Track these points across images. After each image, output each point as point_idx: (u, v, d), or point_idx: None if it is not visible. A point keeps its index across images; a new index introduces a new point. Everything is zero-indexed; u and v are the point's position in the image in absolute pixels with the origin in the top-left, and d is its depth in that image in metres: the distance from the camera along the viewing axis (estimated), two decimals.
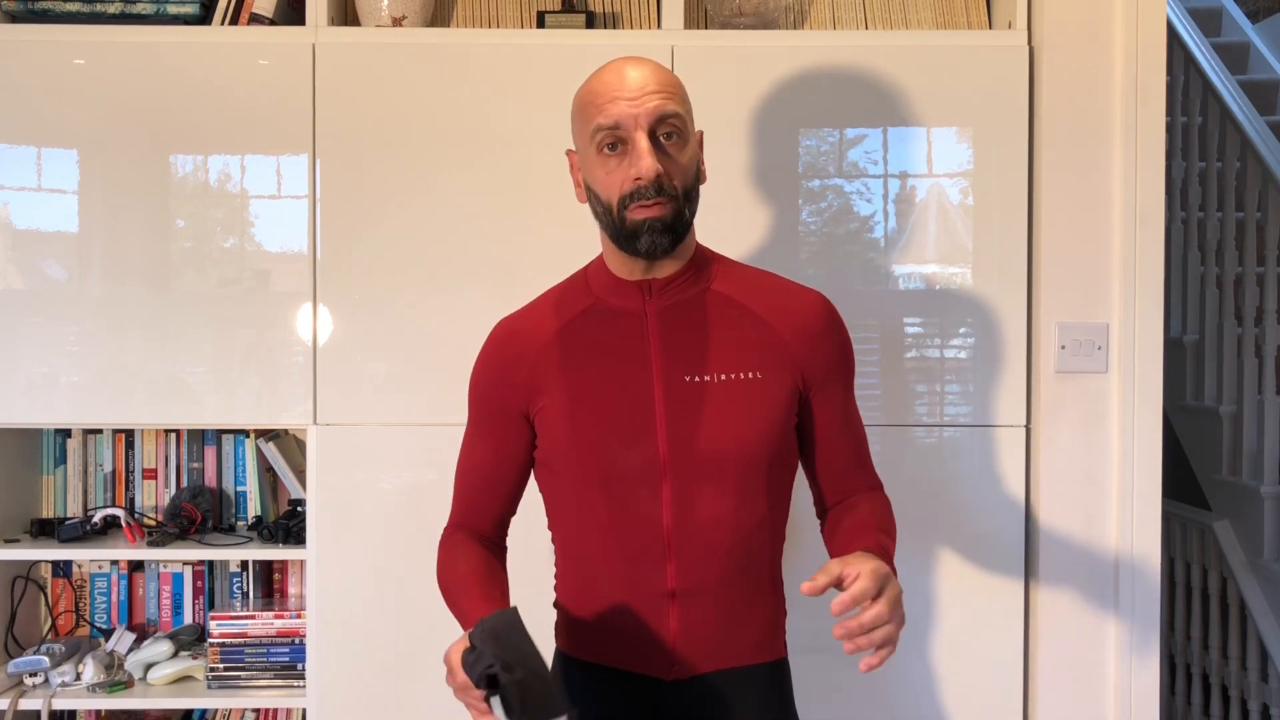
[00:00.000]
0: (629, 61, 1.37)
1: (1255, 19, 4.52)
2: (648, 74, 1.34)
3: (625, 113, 1.32)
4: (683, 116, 1.36)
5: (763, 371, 1.39)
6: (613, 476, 1.39)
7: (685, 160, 1.36)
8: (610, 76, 1.35)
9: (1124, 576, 2.12)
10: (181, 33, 2.16)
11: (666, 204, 1.33)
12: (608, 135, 1.33)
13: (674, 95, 1.35)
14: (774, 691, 1.47)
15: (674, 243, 1.36)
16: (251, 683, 2.23)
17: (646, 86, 1.33)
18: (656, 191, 1.32)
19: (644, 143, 1.32)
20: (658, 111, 1.32)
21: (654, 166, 1.31)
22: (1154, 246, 2.11)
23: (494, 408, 1.47)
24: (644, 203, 1.33)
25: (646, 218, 1.33)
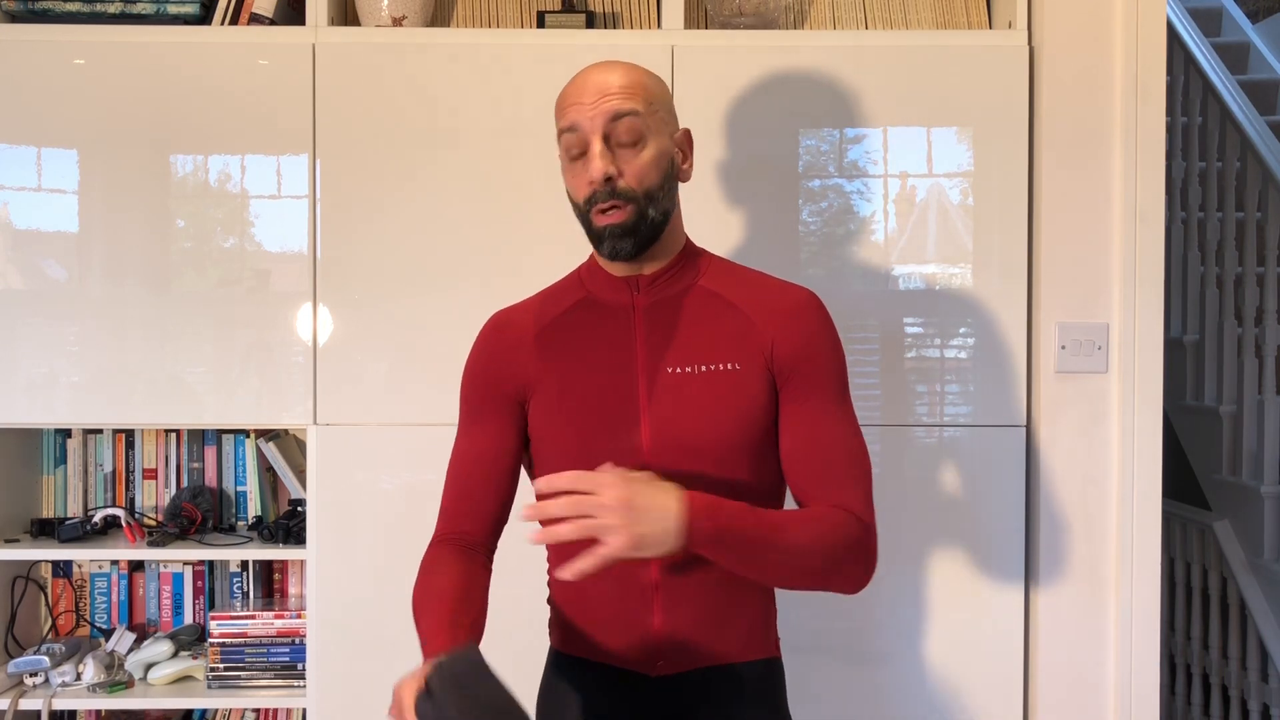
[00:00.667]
0: (595, 66, 1.39)
1: (1255, 19, 4.52)
2: (610, 77, 1.36)
3: (581, 116, 1.35)
4: (640, 115, 1.36)
5: (741, 362, 1.40)
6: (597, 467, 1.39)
7: (644, 161, 1.37)
8: (576, 81, 1.38)
9: (1124, 577, 2.12)
10: (181, 33, 2.16)
11: (624, 207, 1.36)
12: (568, 139, 1.37)
13: (633, 94, 1.36)
14: (765, 691, 1.47)
15: (638, 246, 1.38)
16: (251, 683, 2.23)
17: (605, 89, 1.35)
18: (610, 194, 1.35)
19: (596, 145, 1.35)
20: (611, 112, 1.34)
21: (602, 169, 1.34)
22: (1154, 246, 2.11)
23: (489, 394, 1.47)
24: (602, 207, 1.36)
25: (606, 224, 1.37)
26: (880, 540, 2.12)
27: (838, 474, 1.37)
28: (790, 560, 1.28)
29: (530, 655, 1.61)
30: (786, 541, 1.27)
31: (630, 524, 1.17)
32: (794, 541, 1.28)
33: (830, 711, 2.13)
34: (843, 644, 2.14)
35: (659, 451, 1.39)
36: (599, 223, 1.37)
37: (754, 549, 1.25)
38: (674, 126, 1.43)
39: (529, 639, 1.67)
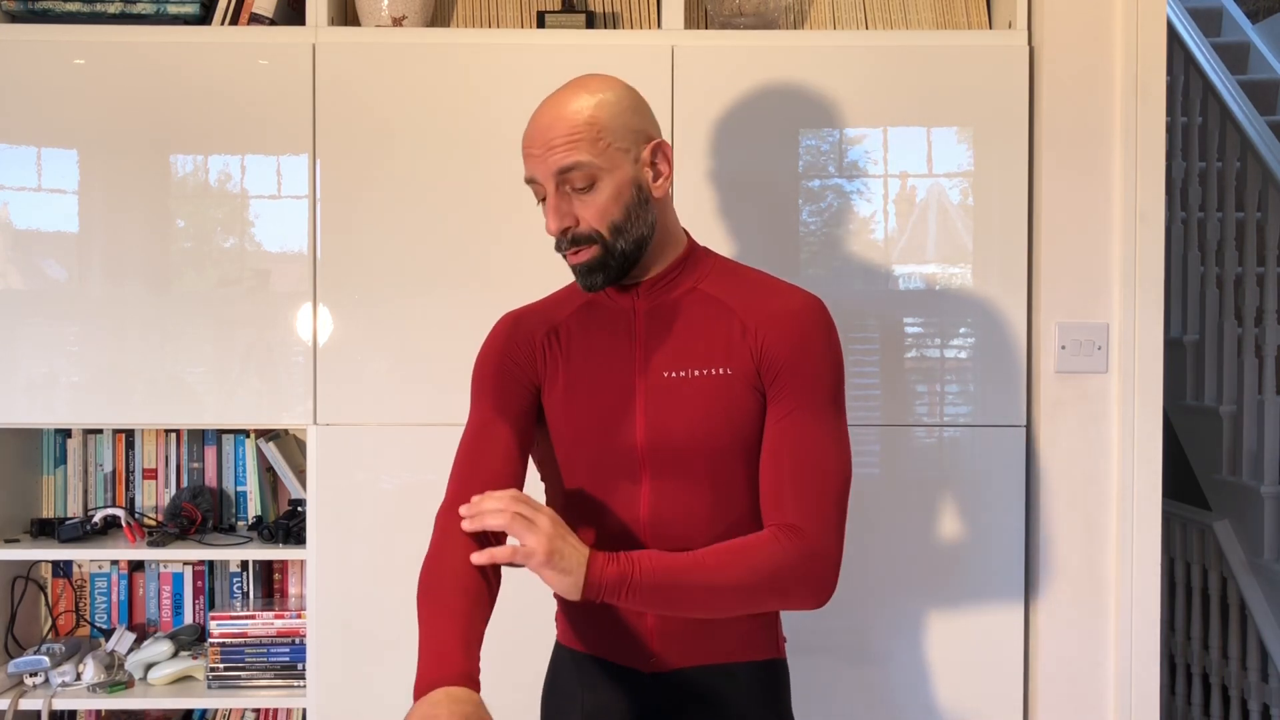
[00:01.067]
0: (544, 106, 1.39)
1: (1255, 19, 4.52)
2: (553, 125, 1.36)
3: (535, 168, 1.38)
4: (586, 163, 1.34)
5: (730, 367, 1.40)
6: (597, 467, 1.43)
7: (600, 202, 1.36)
8: (530, 125, 1.39)
9: (1124, 576, 2.12)
10: (181, 33, 2.16)
11: (586, 249, 1.38)
12: (532, 185, 1.40)
13: (577, 143, 1.34)
14: (766, 691, 1.47)
15: (609, 278, 1.40)
16: (251, 683, 2.23)
17: (549, 141, 1.35)
18: (570, 243, 1.38)
19: (551, 199, 1.37)
20: (556, 166, 1.35)
21: (555, 225, 1.37)
22: (1154, 246, 2.11)
23: (505, 378, 1.47)
24: (567, 250, 1.39)
25: (575, 263, 1.40)
26: (880, 540, 2.12)
27: (800, 490, 1.34)
28: (718, 596, 1.31)
29: (537, 647, 1.62)
30: (710, 579, 1.30)
31: (551, 538, 1.26)
32: (719, 578, 1.30)
33: (831, 711, 2.13)
34: (843, 644, 2.14)
35: (653, 454, 1.41)
36: (570, 261, 1.41)
37: (670, 593, 1.30)
38: (638, 148, 1.38)
39: (536, 631, 1.67)
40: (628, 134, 1.37)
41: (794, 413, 1.36)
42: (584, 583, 1.27)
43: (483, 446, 1.43)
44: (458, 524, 1.34)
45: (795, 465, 1.34)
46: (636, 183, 1.38)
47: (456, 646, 1.24)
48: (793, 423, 1.36)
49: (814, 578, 1.32)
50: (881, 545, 2.13)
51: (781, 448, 1.36)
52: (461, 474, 1.42)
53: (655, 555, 1.31)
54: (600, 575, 1.27)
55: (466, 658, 1.23)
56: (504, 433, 1.43)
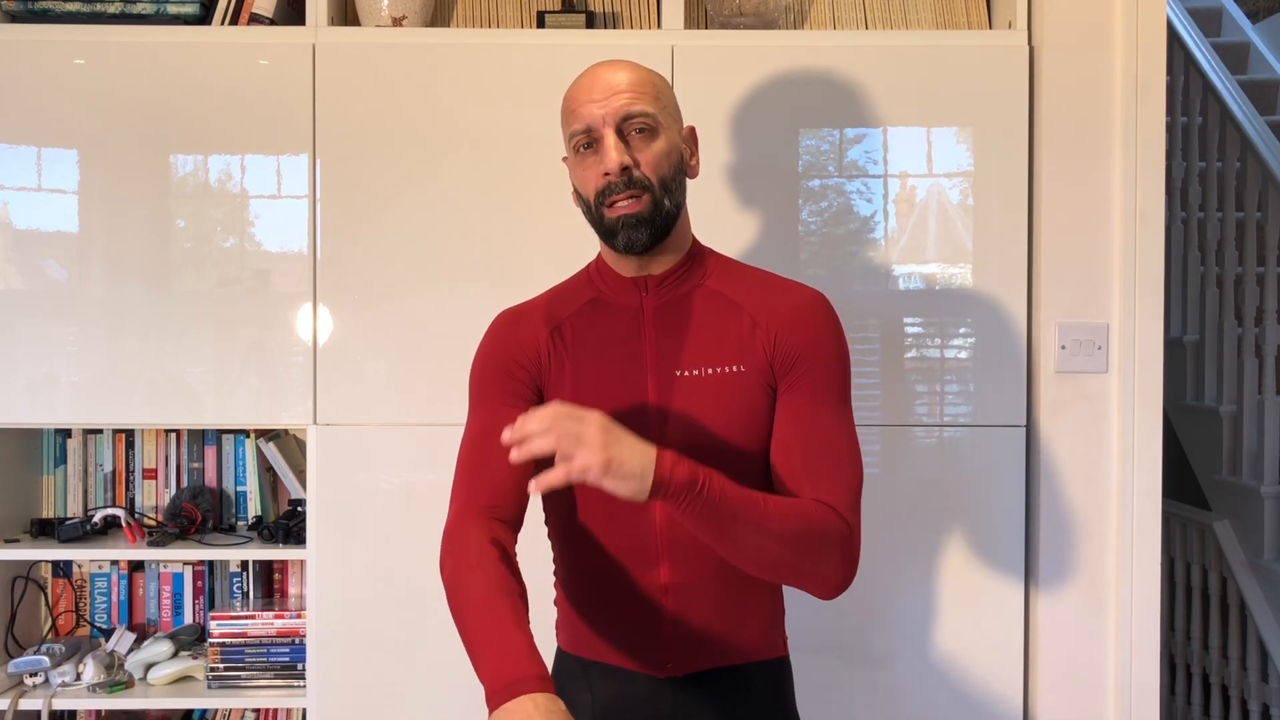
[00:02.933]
0: (603, 65, 1.41)
1: (1255, 19, 4.52)
2: (618, 76, 1.38)
3: (594, 114, 1.36)
4: (652, 114, 1.38)
5: (744, 364, 1.40)
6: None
7: (658, 151, 1.38)
8: (584, 81, 1.40)
9: (1124, 576, 2.12)
10: (181, 33, 2.16)
11: (640, 196, 1.36)
12: (581, 138, 1.38)
13: (643, 94, 1.38)
14: (773, 690, 1.47)
15: (654, 237, 1.38)
16: (251, 683, 2.23)
17: (615, 87, 1.37)
18: (626, 184, 1.36)
19: (610, 138, 1.36)
20: (623, 110, 1.36)
21: (618, 160, 1.35)
22: (1154, 246, 2.11)
23: (505, 379, 1.44)
24: (616, 197, 1.36)
25: (621, 215, 1.37)
26: (880, 540, 2.12)
27: (825, 471, 1.34)
28: (766, 541, 1.26)
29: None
30: (764, 518, 1.26)
31: (605, 445, 1.18)
32: (772, 522, 1.26)
33: (832, 710, 2.13)
34: (844, 643, 2.14)
35: None
36: (612, 215, 1.37)
37: (728, 517, 1.24)
38: (679, 122, 1.45)
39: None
40: (674, 108, 1.44)
41: (810, 403, 1.37)
42: (650, 483, 1.19)
43: (488, 453, 1.39)
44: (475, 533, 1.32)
45: (816, 453, 1.35)
46: (680, 151, 1.42)
47: (520, 649, 1.20)
48: (809, 413, 1.36)
49: (848, 553, 1.32)
50: (882, 545, 2.13)
51: (798, 436, 1.36)
52: (467, 483, 1.39)
53: (721, 476, 1.25)
54: (670, 475, 1.20)
55: (533, 660, 1.19)
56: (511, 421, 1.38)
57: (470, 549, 1.31)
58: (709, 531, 1.25)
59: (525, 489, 1.38)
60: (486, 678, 1.18)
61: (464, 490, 1.39)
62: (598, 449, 1.17)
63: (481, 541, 1.31)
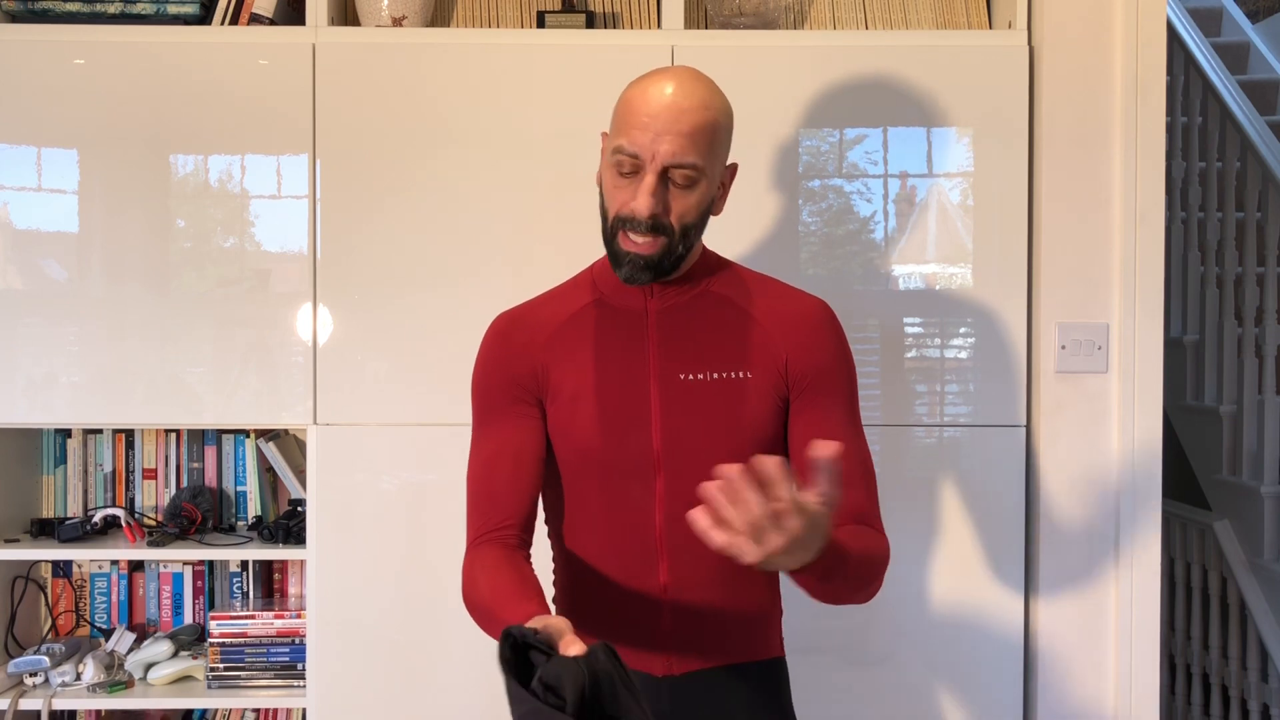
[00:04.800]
0: (672, 85, 1.33)
1: (1255, 19, 4.52)
2: (685, 110, 1.31)
3: (646, 145, 1.31)
4: (700, 167, 1.33)
5: (753, 371, 1.41)
6: (607, 471, 1.41)
7: (691, 203, 1.35)
8: (653, 94, 1.32)
9: (1124, 576, 2.12)
10: (181, 33, 2.16)
11: (656, 241, 1.35)
12: (622, 158, 1.34)
13: (699, 141, 1.32)
14: (769, 690, 1.47)
15: (656, 277, 1.38)
16: (251, 683, 2.23)
17: (677, 124, 1.31)
18: (649, 229, 1.34)
19: (650, 180, 1.32)
20: (674, 157, 1.31)
21: (650, 206, 1.32)
22: (1154, 246, 2.11)
23: (506, 393, 1.44)
24: (634, 234, 1.34)
25: (631, 251, 1.35)
26: None
27: (856, 488, 1.39)
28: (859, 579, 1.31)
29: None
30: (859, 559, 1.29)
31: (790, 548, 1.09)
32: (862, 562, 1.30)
33: (832, 711, 2.13)
34: (843, 644, 2.14)
35: (670, 458, 1.40)
36: (624, 246, 1.36)
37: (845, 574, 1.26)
38: (722, 165, 1.40)
39: None
40: (725, 151, 1.40)
41: (833, 417, 1.41)
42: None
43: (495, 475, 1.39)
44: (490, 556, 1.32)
45: (850, 465, 1.38)
46: (712, 196, 1.40)
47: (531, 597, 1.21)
48: (833, 426, 1.40)
49: (883, 577, 1.38)
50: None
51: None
52: (478, 509, 1.38)
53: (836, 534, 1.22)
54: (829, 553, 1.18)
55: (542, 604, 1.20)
56: (519, 455, 1.40)
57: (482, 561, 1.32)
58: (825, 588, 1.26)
59: (535, 503, 1.40)
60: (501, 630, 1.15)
61: (477, 516, 1.38)
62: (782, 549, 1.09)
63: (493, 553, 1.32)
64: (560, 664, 1.02)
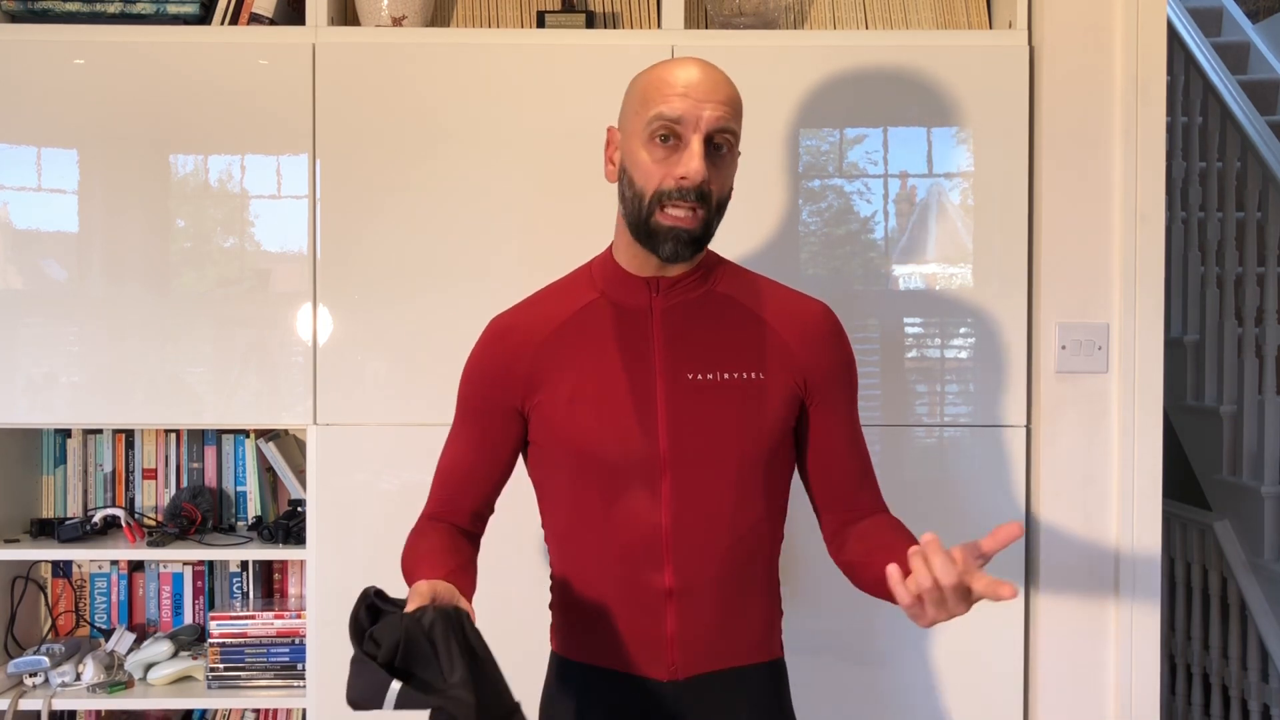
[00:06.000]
0: (703, 63, 1.36)
1: (1255, 19, 4.52)
2: (719, 81, 1.34)
3: (690, 110, 1.31)
4: (737, 134, 1.36)
5: (764, 373, 1.41)
6: (610, 472, 1.40)
7: (728, 173, 1.38)
8: (681, 72, 1.34)
9: (1124, 577, 2.12)
10: (181, 33, 2.16)
11: (698, 213, 1.34)
12: (665, 126, 1.32)
13: (736, 112, 1.36)
14: (770, 692, 1.47)
15: (695, 253, 1.38)
16: (251, 683, 2.23)
17: (715, 93, 1.33)
18: (698, 196, 1.32)
19: (698, 145, 1.32)
20: (719, 121, 1.32)
21: (702, 170, 1.31)
22: (1154, 246, 2.11)
23: (484, 403, 1.46)
24: (679, 204, 1.32)
25: (675, 225, 1.33)
26: None
27: (867, 475, 1.49)
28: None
29: (531, 660, 1.61)
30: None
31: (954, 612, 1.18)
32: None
33: (831, 712, 2.13)
34: (843, 645, 2.14)
35: (676, 459, 1.39)
36: (665, 221, 1.33)
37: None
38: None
39: (530, 644, 1.66)
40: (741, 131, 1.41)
41: (846, 419, 1.48)
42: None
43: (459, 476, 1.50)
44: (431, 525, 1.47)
45: (861, 463, 1.49)
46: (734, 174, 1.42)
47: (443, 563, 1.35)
48: (846, 427, 1.47)
49: None
50: None
51: (843, 449, 1.47)
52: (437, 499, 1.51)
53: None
54: None
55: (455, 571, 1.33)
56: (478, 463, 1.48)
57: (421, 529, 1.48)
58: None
59: (489, 509, 1.52)
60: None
61: (433, 499, 1.52)
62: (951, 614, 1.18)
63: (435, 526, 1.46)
64: (389, 620, 1.14)
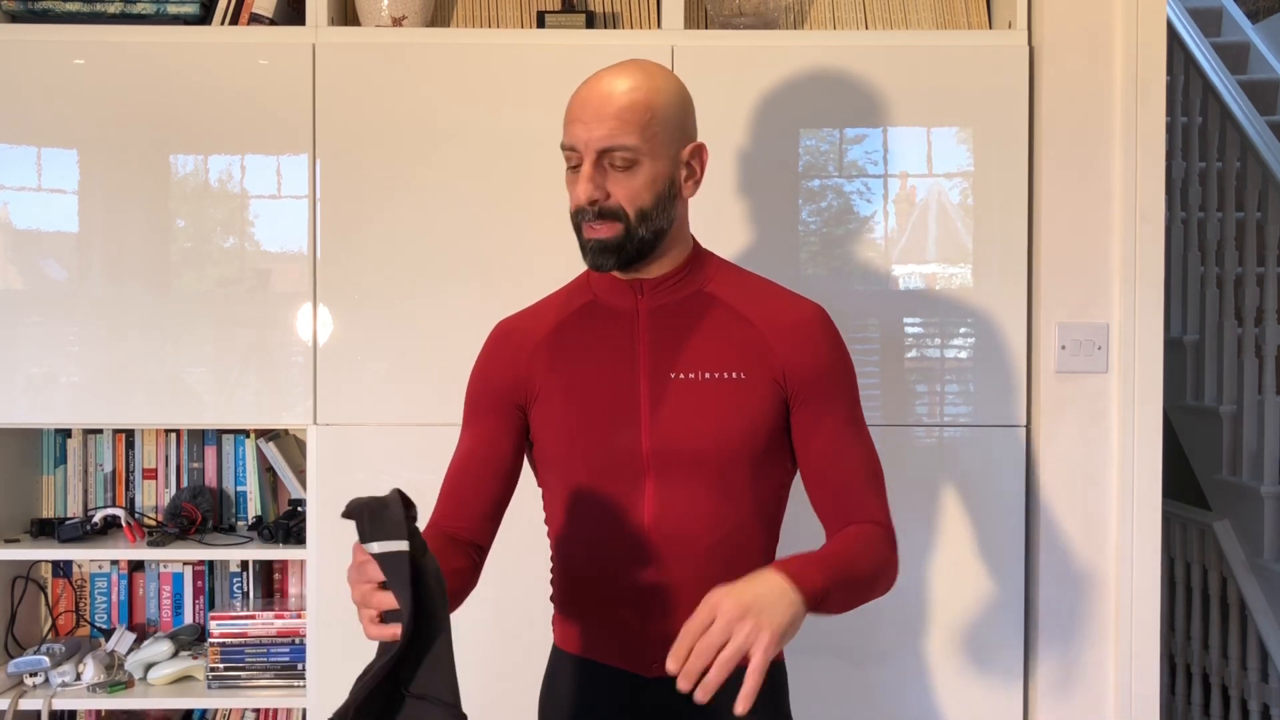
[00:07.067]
0: (605, 77, 1.38)
1: (1255, 19, 4.52)
2: (612, 98, 1.35)
3: (580, 134, 1.36)
4: (633, 146, 1.35)
5: (746, 372, 1.41)
6: (597, 469, 1.42)
7: (636, 185, 1.37)
8: (581, 93, 1.38)
9: (1124, 576, 2.12)
10: (181, 33, 2.16)
11: (612, 226, 1.37)
12: (569, 155, 1.38)
13: (630, 123, 1.34)
14: (766, 692, 1.47)
15: (623, 262, 1.40)
16: (251, 683, 2.23)
17: (604, 111, 1.34)
18: (596, 215, 1.36)
19: (586, 168, 1.36)
20: (604, 142, 1.34)
21: (586, 194, 1.36)
22: (1154, 246, 2.11)
23: (488, 402, 1.49)
24: (588, 222, 1.38)
25: (591, 237, 1.38)
26: None
27: (862, 489, 1.43)
28: (865, 589, 1.34)
29: (534, 651, 1.62)
30: (861, 573, 1.33)
31: (764, 624, 1.17)
32: (864, 570, 1.34)
33: (831, 712, 2.13)
34: (843, 644, 2.14)
35: (658, 457, 1.40)
36: (586, 234, 1.39)
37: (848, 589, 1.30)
38: (680, 144, 1.41)
39: (533, 636, 1.67)
40: (675, 128, 1.40)
41: (831, 422, 1.43)
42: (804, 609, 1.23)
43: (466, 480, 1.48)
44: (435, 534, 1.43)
45: (856, 468, 1.44)
46: (670, 177, 1.40)
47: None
48: (839, 431, 1.43)
49: (896, 566, 1.41)
50: None
51: (831, 456, 1.43)
52: (445, 504, 1.48)
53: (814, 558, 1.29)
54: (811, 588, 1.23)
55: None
56: (485, 465, 1.47)
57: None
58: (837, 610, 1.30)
59: (496, 509, 1.48)
60: None
61: (440, 507, 1.48)
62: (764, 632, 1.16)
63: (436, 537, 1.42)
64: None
